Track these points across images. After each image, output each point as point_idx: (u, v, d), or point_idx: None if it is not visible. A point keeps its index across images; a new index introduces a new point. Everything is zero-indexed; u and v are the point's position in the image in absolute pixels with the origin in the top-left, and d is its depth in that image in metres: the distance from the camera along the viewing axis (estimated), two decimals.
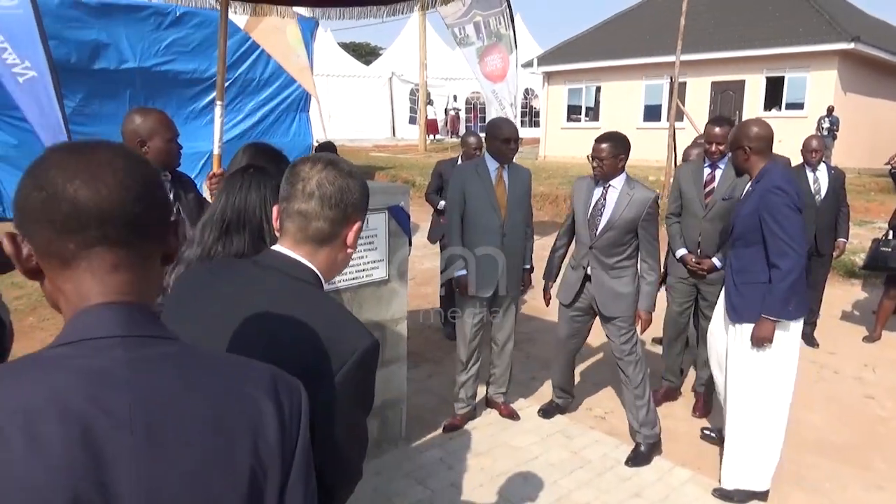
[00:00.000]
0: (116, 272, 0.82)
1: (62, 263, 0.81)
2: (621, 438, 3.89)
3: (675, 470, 3.57)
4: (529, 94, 26.76)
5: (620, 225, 3.51)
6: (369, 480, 3.35)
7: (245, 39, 10.36)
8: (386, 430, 3.63)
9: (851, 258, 7.90)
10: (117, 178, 0.81)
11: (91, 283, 0.81)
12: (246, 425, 0.82)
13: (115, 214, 0.80)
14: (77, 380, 0.75)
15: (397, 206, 3.42)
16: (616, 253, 3.57)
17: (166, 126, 2.65)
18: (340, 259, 1.32)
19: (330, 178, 1.25)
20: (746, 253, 3.18)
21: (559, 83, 21.35)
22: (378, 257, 3.38)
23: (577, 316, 3.85)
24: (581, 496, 3.29)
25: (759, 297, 3.09)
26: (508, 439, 3.85)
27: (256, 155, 2.33)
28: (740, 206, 3.26)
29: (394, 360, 3.60)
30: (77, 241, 0.80)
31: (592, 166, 3.54)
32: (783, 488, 3.43)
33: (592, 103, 21.03)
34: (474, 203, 3.75)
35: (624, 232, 3.52)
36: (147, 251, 0.86)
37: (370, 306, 3.40)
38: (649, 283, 3.58)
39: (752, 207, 3.12)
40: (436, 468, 3.50)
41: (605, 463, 3.62)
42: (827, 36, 16.07)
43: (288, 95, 11.14)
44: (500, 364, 4.11)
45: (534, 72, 21.53)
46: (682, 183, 4.21)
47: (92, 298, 0.81)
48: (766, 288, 3.07)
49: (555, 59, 21.37)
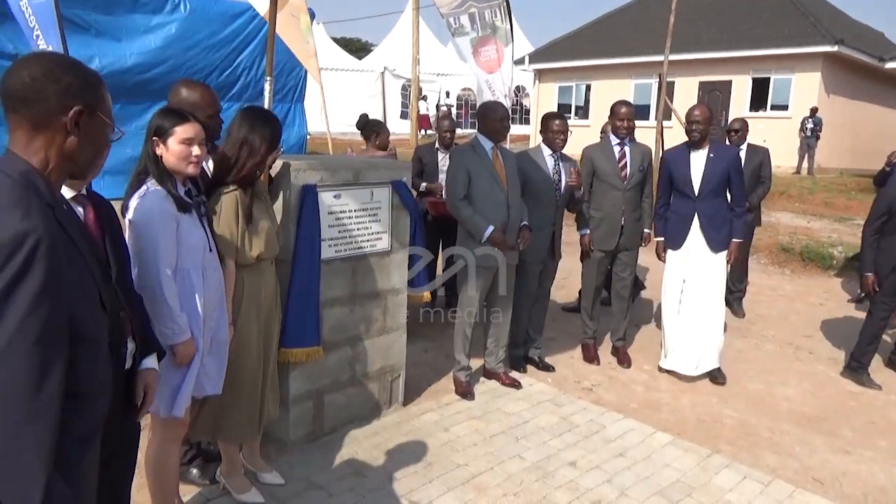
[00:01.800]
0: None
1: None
2: (607, 407, 4.13)
3: (656, 434, 3.81)
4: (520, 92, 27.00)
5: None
6: (370, 438, 3.56)
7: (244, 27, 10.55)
8: (385, 394, 3.84)
9: (829, 250, 8.20)
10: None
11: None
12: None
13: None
14: None
15: (400, 182, 3.62)
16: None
17: (208, 101, 2.82)
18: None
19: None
20: (716, 202, 4.48)
21: (550, 81, 21.62)
22: (381, 229, 3.58)
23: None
24: (569, 455, 3.52)
25: (727, 231, 4.51)
26: (501, 406, 4.08)
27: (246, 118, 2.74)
28: (709, 170, 4.42)
29: (394, 328, 3.80)
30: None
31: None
32: (757, 452, 3.68)
33: (582, 101, 21.32)
34: (479, 179, 3.97)
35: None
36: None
37: (373, 275, 3.60)
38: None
39: (721, 170, 4.42)
40: (432, 430, 3.72)
41: (591, 427, 3.85)
42: (812, 38, 16.44)
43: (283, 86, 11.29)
44: (498, 334, 4.34)
45: (525, 69, 21.78)
46: (595, 161, 4.66)
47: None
48: (730, 223, 4.51)
49: (546, 57, 21.65)
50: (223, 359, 2.65)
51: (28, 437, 1.23)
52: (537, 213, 4.31)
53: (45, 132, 1.41)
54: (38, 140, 1.41)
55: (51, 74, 1.40)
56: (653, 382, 4.60)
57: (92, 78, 1.48)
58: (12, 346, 1.20)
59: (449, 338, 4.49)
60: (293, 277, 3.14)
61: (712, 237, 4.49)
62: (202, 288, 2.46)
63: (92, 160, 1.51)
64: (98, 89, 1.49)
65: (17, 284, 1.20)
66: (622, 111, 4.61)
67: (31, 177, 1.36)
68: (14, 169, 1.36)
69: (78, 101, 1.42)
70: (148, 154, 2.40)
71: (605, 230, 4.67)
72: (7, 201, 1.27)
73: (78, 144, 1.44)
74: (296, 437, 3.42)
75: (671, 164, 4.61)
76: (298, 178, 3.17)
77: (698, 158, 4.50)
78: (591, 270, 4.83)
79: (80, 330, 1.36)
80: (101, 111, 1.48)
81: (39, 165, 1.40)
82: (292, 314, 3.14)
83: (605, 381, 4.59)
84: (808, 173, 15.88)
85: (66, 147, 1.43)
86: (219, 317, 2.58)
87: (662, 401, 4.32)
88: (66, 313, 1.30)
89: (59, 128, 1.41)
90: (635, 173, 4.65)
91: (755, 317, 6.25)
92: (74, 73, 1.43)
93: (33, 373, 1.22)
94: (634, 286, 5.24)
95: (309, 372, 3.38)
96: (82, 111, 1.42)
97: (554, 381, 4.52)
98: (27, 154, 1.40)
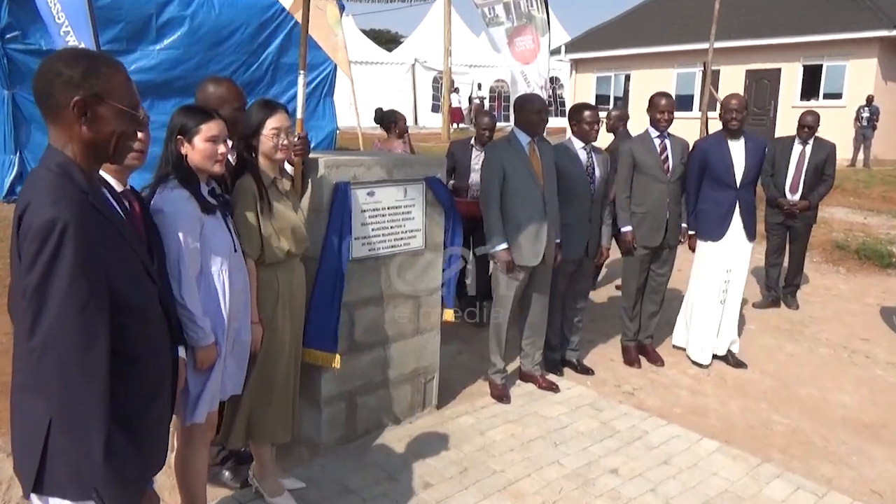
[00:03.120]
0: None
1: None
2: (649, 412, 4.09)
3: (703, 441, 3.75)
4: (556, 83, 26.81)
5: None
6: (403, 442, 3.59)
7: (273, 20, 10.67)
8: (419, 396, 3.86)
9: (888, 248, 7.98)
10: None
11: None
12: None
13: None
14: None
15: (435, 178, 3.63)
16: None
17: (235, 95, 2.90)
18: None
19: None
20: (752, 191, 4.68)
21: (587, 71, 21.42)
22: (415, 227, 3.59)
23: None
24: (610, 462, 3.49)
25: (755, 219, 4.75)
26: (538, 409, 4.06)
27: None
28: (749, 158, 4.58)
29: (428, 329, 3.81)
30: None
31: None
32: (811, 461, 3.60)
33: (621, 92, 21.08)
34: (514, 175, 3.95)
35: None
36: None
37: (407, 275, 3.62)
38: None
39: (758, 159, 4.63)
40: (468, 434, 3.73)
41: (633, 433, 3.82)
42: (868, 22, 15.97)
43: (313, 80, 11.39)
44: (534, 336, 4.32)
45: (561, 59, 21.60)
46: (636, 155, 4.65)
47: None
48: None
49: (583, 47, 21.44)
50: (244, 359, 2.69)
51: (84, 394, 1.46)
52: (572, 208, 4.28)
53: (62, 125, 1.54)
54: (61, 133, 1.55)
55: (54, 69, 1.52)
56: (698, 386, 4.54)
57: (99, 66, 1.55)
58: (60, 317, 1.43)
59: (483, 339, 4.49)
60: (318, 276, 3.16)
61: (749, 226, 4.68)
62: (227, 291, 2.48)
63: (115, 146, 1.60)
64: (105, 76, 1.55)
65: (54, 264, 1.43)
66: (662, 103, 4.59)
67: (66, 167, 1.53)
68: (53, 161, 1.53)
69: (79, 91, 1.51)
70: (171, 154, 2.43)
71: (650, 225, 4.63)
72: (43, 193, 1.46)
73: (92, 132, 1.55)
74: (328, 440, 3.45)
75: (708, 154, 4.65)
76: (331, 175, 3.20)
77: (737, 147, 4.62)
78: (632, 269, 4.79)
79: (126, 299, 1.57)
80: (110, 98, 1.55)
81: (72, 155, 1.55)
82: (314, 313, 3.16)
83: (646, 384, 4.54)
84: (863, 166, 15.45)
85: (83, 137, 1.55)
86: (242, 318, 2.62)
87: (709, 406, 4.25)
88: (105, 284, 1.50)
89: (71, 120, 1.53)
90: (677, 165, 4.63)
91: (808, 318, 6.11)
92: (76, 65, 1.52)
93: (81, 338, 1.45)
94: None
95: (341, 373, 3.41)
96: (82, 101, 1.51)
97: (593, 385, 4.49)
98: (60, 146, 1.56)
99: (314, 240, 3.14)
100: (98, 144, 1.57)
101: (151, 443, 1.73)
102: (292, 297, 2.89)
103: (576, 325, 4.70)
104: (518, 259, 4.00)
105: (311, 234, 3.09)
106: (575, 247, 4.38)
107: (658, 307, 4.95)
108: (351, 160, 3.33)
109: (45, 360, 1.44)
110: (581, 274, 4.59)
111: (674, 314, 5.20)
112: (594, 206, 4.40)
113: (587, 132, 4.33)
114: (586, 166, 4.35)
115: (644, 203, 4.62)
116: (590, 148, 4.40)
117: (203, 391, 2.46)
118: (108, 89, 1.55)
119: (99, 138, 1.56)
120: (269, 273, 2.78)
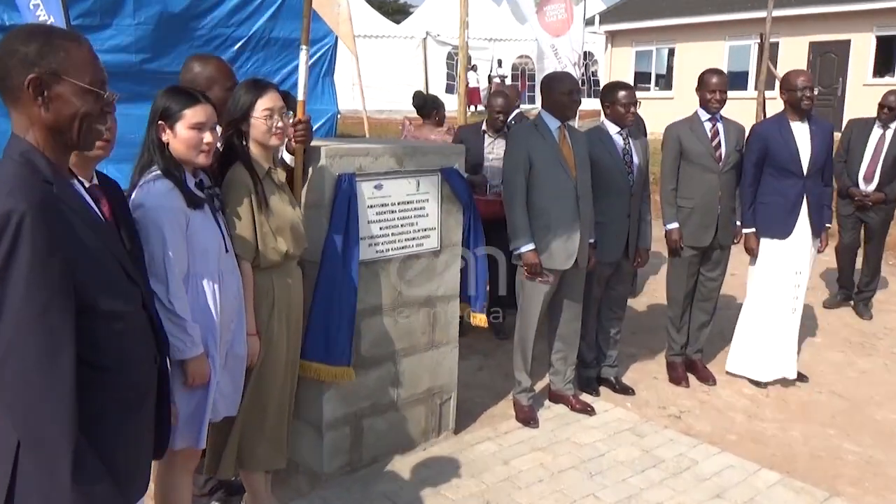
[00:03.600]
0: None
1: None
2: (699, 438, 4.08)
3: (761, 472, 3.74)
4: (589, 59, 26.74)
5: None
6: (416, 471, 3.60)
7: None
8: (434, 419, 3.87)
9: None
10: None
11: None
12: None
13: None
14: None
15: (451, 169, 3.65)
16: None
17: (225, 74, 2.96)
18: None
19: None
20: (819, 182, 4.67)
21: (625, 45, 21.37)
22: (429, 225, 3.61)
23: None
24: (654, 495, 3.49)
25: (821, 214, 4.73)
26: (570, 435, 4.07)
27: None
28: (816, 144, 4.55)
29: (444, 342, 3.83)
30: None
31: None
32: (887, 495, 3.58)
33: (664, 69, 21.02)
34: (542, 166, 3.96)
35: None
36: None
37: (420, 280, 3.63)
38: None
39: (826, 144, 4.61)
40: (489, 462, 3.74)
41: (680, 462, 3.81)
42: None
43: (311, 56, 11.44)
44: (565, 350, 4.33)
45: (595, 31, 21.57)
46: (683, 141, 4.64)
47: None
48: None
49: (620, 16, 21.41)
50: (239, 376, 2.71)
51: (48, 409, 1.47)
52: (608, 202, 4.27)
53: (21, 108, 1.58)
54: (21, 118, 1.59)
55: (9, 47, 1.56)
56: (755, 409, 4.52)
57: (55, 41, 1.59)
58: (18, 324, 1.44)
59: (507, 353, 4.50)
60: (320, 279, 3.19)
61: (815, 221, 4.68)
62: (218, 296, 2.51)
63: (79, 129, 1.62)
64: (63, 52, 1.58)
65: (9, 261, 1.43)
66: (713, 81, 4.58)
67: (29, 155, 1.56)
68: (15, 150, 1.57)
69: (34, 69, 1.54)
70: (152, 141, 2.46)
71: (699, 222, 4.62)
72: (2, 185, 1.49)
73: (52, 114, 1.58)
74: (331, 469, 3.47)
75: (768, 140, 4.62)
76: (333, 166, 3.22)
77: (801, 131, 4.59)
78: (679, 272, 4.77)
79: (98, 302, 1.59)
80: (68, 75, 1.58)
81: (34, 142, 1.59)
82: (317, 322, 3.18)
83: (695, 406, 4.53)
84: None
85: (44, 120, 1.58)
86: (236, 328, 2.64)
87: (767, 432, 4.23)
88: (69, 284, 1.51)
89: (28, 101, 1.56)
90: (731, 153, 4.61)
91: (882, 330, 6.07)
92: (31, 41, 1.56)
93: (43, 346, 1.46)
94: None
95: (345, 393, 3.43)
96: (37, 79, 1.54)
97: (634, 406, 4.49)
98: (22, 133, 1.59)
99: (313, 240, 3.16)
100: (60, 128, 1.60)
101: (129, 465, 1.74)
102: (289, 304, 2.92)
103: (613, 338, 4.69)
104: (547, 262, 4.00)
105: (309, 232, 3.12)
106: (611, 247, 4.37)
107: (709, 317, 4.92)
108: (355, 149, 3.35)
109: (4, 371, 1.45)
110: (619, 278, 4.58)
111: (728, 325, 5.18)
112: (633, 199, 4.39)
113: (622, 115, 4.33)
114: (623, 154, 4.35)
115: (692, 196, 4.61)
116: (626, 132, 4.40)
117: (195, 411, 2.48)
118: (66, 66, 1.57)
119: (60, 120, 1.59)
120: (264, 278, 2.81)
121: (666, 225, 4.68)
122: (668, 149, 4.67)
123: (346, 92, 13.25)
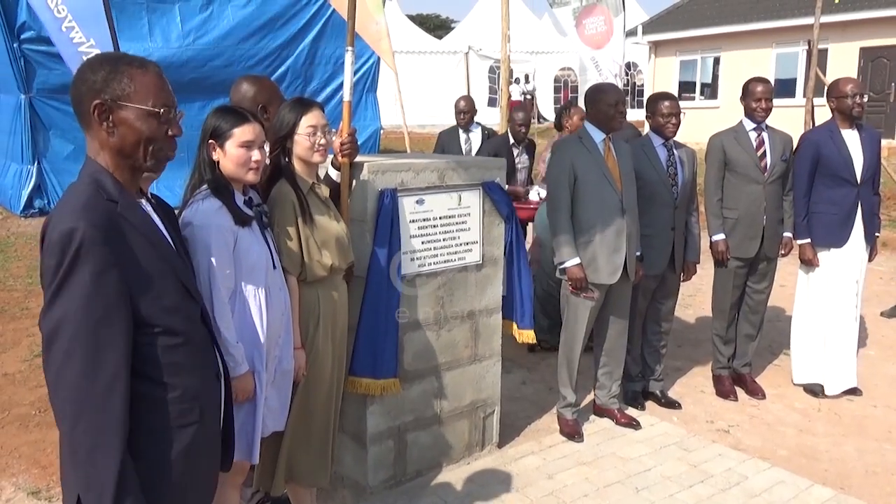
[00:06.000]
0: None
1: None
2: (749, 453, 4.00)
3: (813, 488, 3.65)
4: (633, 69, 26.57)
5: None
6: (460, 485, 3.60)
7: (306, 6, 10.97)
8: (477, 433, 3.87)
9: None
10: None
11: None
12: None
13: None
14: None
15: (493, 183, 3.66)
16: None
17: (273, 95, 3.12)
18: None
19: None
20: (872, 189, 4.65)
21: (669, 54, 21.17)
22: (471, 239, 3.63)
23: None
24: None
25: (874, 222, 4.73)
26: (616, 450, 4.03)
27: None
28: (868, 151, 4.52)
29: (486, 356, 3.83)
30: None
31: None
32: None
33: (709, 78, 20.75)
34: (587, 179, 3.94)
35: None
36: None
37: (462, 294, 3.65)
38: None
39: (876, 151, 4.59)
40: (534, 477, 3.72)
41: (729, 478, 3.74)
42: None
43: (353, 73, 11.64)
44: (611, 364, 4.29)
45: (638, 41, 21.44)
46: (727, 150, 4.59)
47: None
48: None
49: (664, 26, 21.22)
50: (287, 391, 2.75)
51: (95, 423, 1.53)
52: (652, 215, 4.25)
53: (92, 133, 1.69)
54: (93, 142, 1.70)
55: (82, 75, 1.67)
56: (807, 424, 4.42)
57: (121, 67, 1.67)
58: (73, 331, 1.52)
59: (551, 367, 4.48)
60: (366, 294, 3.23)
61: (870, 229, 4.67)
62: (265, 312, 2.56)
63: (143, 152, 1.70)
64: (127, 78, 1.67)
65: (70, 277, 1.52)
66: (758, 90, 4.54)
67: (98, 176, 1.67)
68: (87, 172, 1.69)
69: (98, 96, 1.64)
70: (203, 160, 2.54)
71: (743, 233, 4.56)
72: (68, 205, 1.60)
73: (118, 139, 1.67)
74: (375, 482, 3.50)
75: (821, 147, 4.58)
76: (376, 182, 3.26)
77: (853, 138, 4.58)
78: (725, 284, 4.71)
79: (155, 319, 1.66)
80: (131, 100, 1.66)
81: (104, 164, 1.69)
82: (364, 337, 3.23)
83: (744, 420, 4.45)
84: None
85: (111, 144, 1.68)
86: (284, 343, 2.69)
87: (820, 447, 4.14)
88: (127, 301, 1.59)
89: (97, 126, 1.67)
90: (777, 163, 4.55)
91: None
92: (100, 69, 1.65)
93: (91, 360, 1.53)
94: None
95: (389, 407, 3.46)
96: (101, 104, 1.64)
97: (680, 421, 4.43)
98: (94, 155, 1.71)
99: (357, 255, 3.20)
100: (126, 152, 1.68)
101: (187, 477, 1.74)
102: (335, 318, 2.95)
103: (659, 352, 4.64)
104: (593, 276, 3.98)
105: (353, 247, 3.16)
106: (656, 259, 4.34)
107: (757, 330, 4.84)
108: (397, 164, 3.39)
109: (60, 382, 1.53)
110: (665, 291, 4.54)
111: (778, 337, 5.09)
112: (677, 212, 4.36)
113: (662, 126, 4.31)
114: (667, 166, 4.32)
115: (737, 207, 4.55)
116: (671, 144, 4.37)
117: (238, 427, 2.52)
118: (129, 91, 1.65)
119: (125, 144, 1.67)
120: (310, 292, 2.85)
121: (711, 236, 4.63)
122: (711, 159, 4.62)
123: (388, 107, 13.40)
